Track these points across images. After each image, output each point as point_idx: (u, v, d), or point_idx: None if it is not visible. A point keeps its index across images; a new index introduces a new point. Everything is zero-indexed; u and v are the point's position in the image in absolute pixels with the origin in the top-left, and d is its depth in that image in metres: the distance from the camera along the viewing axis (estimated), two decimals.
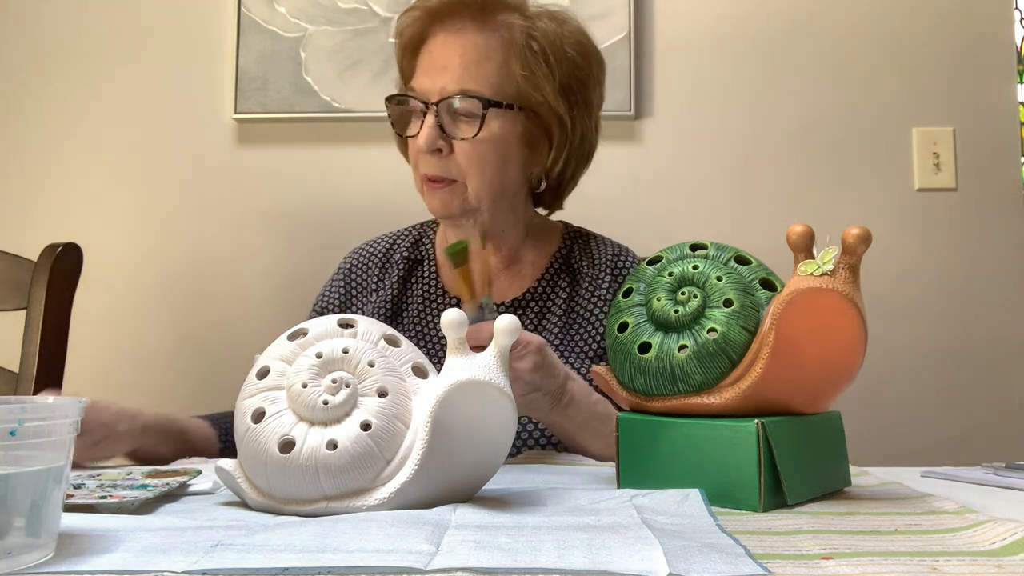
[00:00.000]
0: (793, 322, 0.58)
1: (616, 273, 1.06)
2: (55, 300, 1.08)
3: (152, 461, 0.84)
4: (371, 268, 1.10)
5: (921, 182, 1.67)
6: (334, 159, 1.70)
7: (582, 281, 1.05)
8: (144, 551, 0.42)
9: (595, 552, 0.41)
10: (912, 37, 1.69)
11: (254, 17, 1.70)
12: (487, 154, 0.98)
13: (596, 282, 1.05)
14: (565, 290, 1.05)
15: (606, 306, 1.03)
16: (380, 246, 1.13)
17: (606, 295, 1.04)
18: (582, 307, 1.03)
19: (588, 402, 0.85)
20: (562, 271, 1.07)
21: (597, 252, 1.08)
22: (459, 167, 0.97)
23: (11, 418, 0.39)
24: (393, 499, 0.52)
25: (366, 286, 1.09)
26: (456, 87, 0.95)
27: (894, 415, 1.62)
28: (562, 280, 1.06)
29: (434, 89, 0.96)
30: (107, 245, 1.70)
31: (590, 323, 1.02)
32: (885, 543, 0.45)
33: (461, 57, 0.96)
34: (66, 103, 1.74)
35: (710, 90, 1.70)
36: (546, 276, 1.06)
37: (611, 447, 0.86)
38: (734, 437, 0.57)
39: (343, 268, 1.12)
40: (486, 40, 0.97)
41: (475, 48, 0.97)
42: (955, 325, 1.64)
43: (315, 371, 0.55)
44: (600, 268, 1.06)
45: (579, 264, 1.07)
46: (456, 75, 0.95)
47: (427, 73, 0.98)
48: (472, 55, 0.97)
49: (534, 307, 1.04)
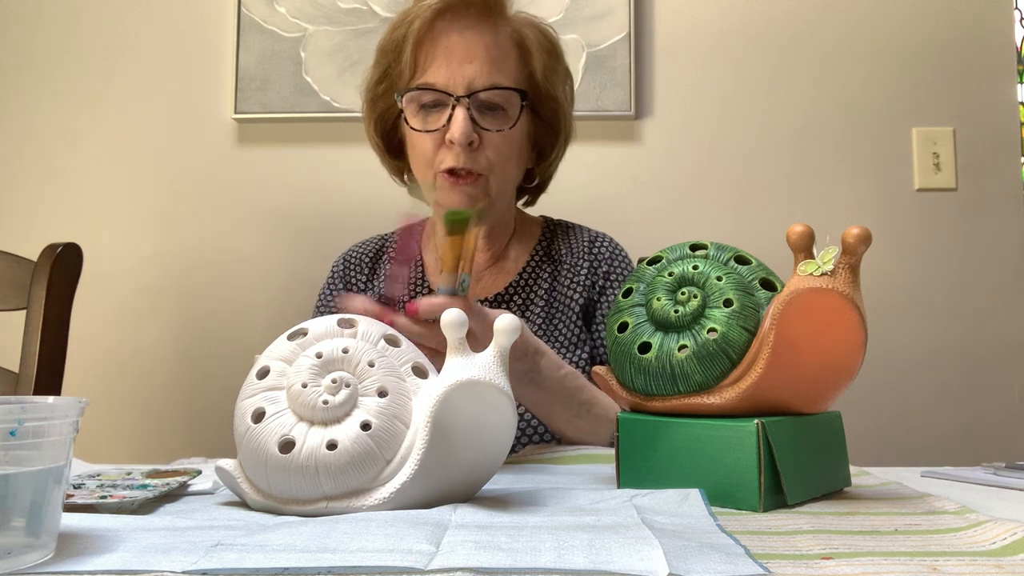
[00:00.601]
0: (793, 322, 0.58)
1: (593, 258, 1.08)
2: (55, 300, 1.08)
3: None
4: (362, 268, 1.11)
5: (921, 182, 1.67)
6: (334, 159, 1.70)
7: (561, 269, 1.07)
8: (144, 551, 0.42)
9: (595, 552, 0.41)
10: (912, 37, 1.69)
11: (254, 17, 1.70)
12: (513, 147, 0.99)
13: (575, 269, 1.06)
14: (547, 281, 1.06)
15: (584, 291, 1.05)
16: (370, 247, 1.14)
17: (584, 280, 1.05)
18: (562, 294, 1.05)
19: (556, 376, 0.85)
20: (543, 262, 1.08)
21: (575, 240, 1.10)
22: (488, 161, 0.97)
23: (11, 418, 0.39)
24: (393, 499, 0.52)
25: (358, 286, 1.10)
26: (487, 80, 0.95)
27: (894, 415, 1.62)
28: (544, 272, 1.07)
29: (460, 82, 0.95)
30: (107, 245, 1.70)
31: (570, 308, 1.04)
32: (885, 543, 0.45)
33: (486, 50, 0.96)
34: (66, 103, 1.75)
35: (710, 90, 1.70)
36: (528, 268, 1.07)
37: (580, 419, 0.89)
38: (734, 437, 0.57)
39: (337, 270, 1.13)
40: (501, 37, 0.99)
41: (496, 44, 0.98)
42: (955, 325, 1.65)
43: (315, 371, 0.55)
44: (578, 255, 1.08)
45: (559, 254, 1.09)
46: (485, 68, 0.96)
47: (447, 65, 0.96)
48: (495, 50, 0.97)
49: (517, 300, 1.05)
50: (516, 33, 1.01)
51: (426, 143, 0.98)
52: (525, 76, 1.01)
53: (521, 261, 1.09)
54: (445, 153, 0.96)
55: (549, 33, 1.05)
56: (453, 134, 0.94)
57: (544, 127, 1.06)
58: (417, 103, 0.99)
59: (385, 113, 1.06)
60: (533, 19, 1.04)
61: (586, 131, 1.68)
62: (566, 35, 1.67)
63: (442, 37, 0.98)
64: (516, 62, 1.00)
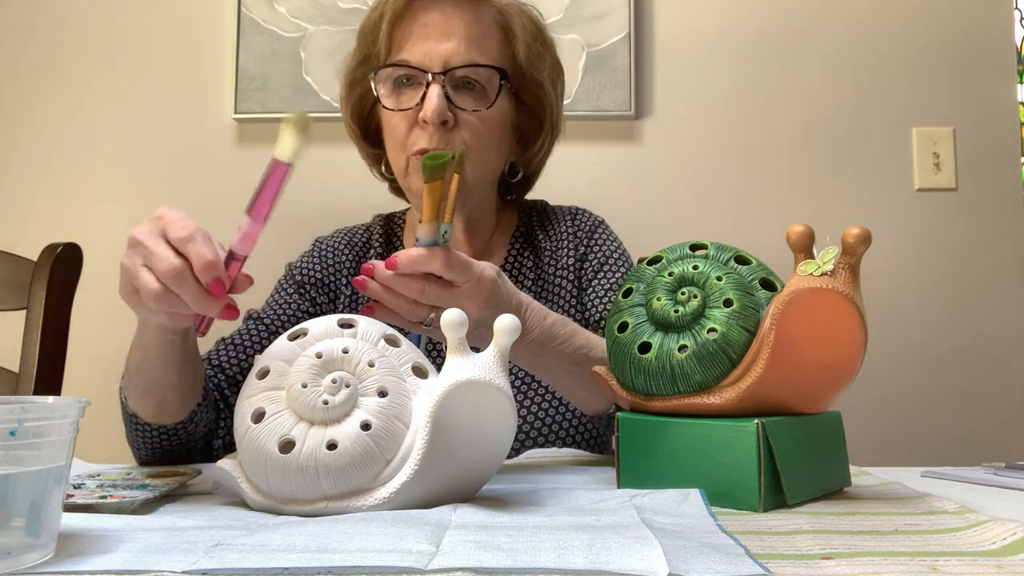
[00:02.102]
0: (793, 322, 0.58)
1: (575, 235, 1.04)
2: (55, 300, 1.08)
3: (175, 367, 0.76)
4: (348, 255, 1.05)
5: (921, 182, 1.67)
6: (334, 159, 1.70)
7: (544, 256, 1.04)
8: (144, 551, 0.42)
9: (595, 552, 0.41)
10: (912, 37, 1.69)
11: (254, 17, 1.70)
12: (492, 131, 0.94)
13: (557, 253, 1.03)
14: (531, 269, 1.03)
15: (573, 276, 1.02)
16: (356, 237, 1.08)
17: (570, 263, 1.02)
18: (549, 282, 1.02)
19: (543, 327, 0.77)
20: (525, 249, 1.05)
21: (554, 223, 1.06)
22: (463, 142, 0.91)
23: (11, 418, 0.39)
24: (393, 499, 0.52)
25: (342, 272, 1.04)
26: (464, 57, 0.91)
27: (894, 415, 1.62)
28: (526, 259, 1.04)
29: (436, 59, 0.91)
30: (107, 245, 1.70)
31: (560, 296, 1.01)
32: (885, 543, 0.45)
33: (466, 28, 0.92)
34: (66, 103, 1.75)
35: (710, 90, 1.70)
36: (510, 257, 1.04)
37: (580, 366, 0.77)
38: (734, 437, 0.57)
39: (319, 249, 1.07)
40: (483, 16, 0.95)
41: (477, 22, 0.93)
42: (955, 325, 1.65)
43: (315, 371, 0.55)
44: (561, 238, 1.04)
45: (539, 240, 1.05)
46: (463, 45, 0.91)
47: (423, 42, 0.92)
48: (475, 28, 0.93)
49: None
50: (500, 15, 0.96)
51: (399, 123, 0.93)
52: (507, 57, 0.96)
53: (503, 250, 1.05)
54: (418, 134, 0.91)
55: (536, 19, 1.00)
56: (426, 112, 0.89)
57: (528, 115, 1.01)
58: (391, 81, 0.94)
59: (363, 98, 1.02)
60: (522, 5, 0.99)
61: (586, 131, 1.69)
62: (566, 35, 1.67)
63: (420, 15, 0.93)
64: (498, 43, 0.95)
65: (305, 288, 1.03)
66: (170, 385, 0.77)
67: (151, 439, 0.82)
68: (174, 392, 0.78)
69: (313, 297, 1.02)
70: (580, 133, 1.67)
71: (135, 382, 0.78)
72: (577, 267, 1.02)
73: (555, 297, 1.01)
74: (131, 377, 0.79)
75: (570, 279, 1.02)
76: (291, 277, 1.05)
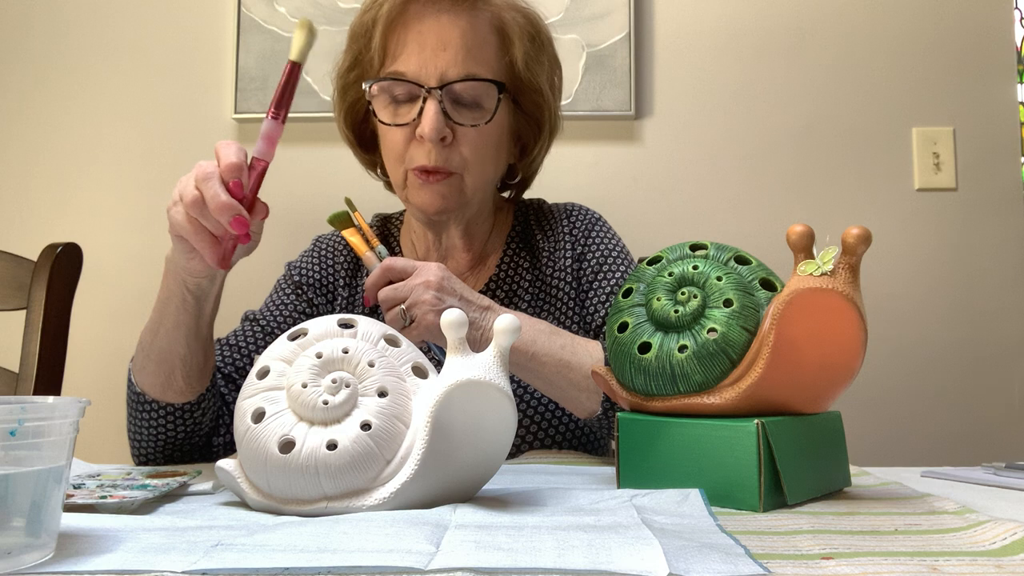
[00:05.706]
0: (793, 322, 0.58)
1: (571, 234, 1.02)
2: (55, 300, 1.08)
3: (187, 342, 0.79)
4: (346, 256, 1.05)
5: (921, 182, 1.67)
6: (334, 159, 1.70)
7: (541, 257, 1.02)
8: (144, 551, 0.42)
9: (595, 552, 0.41)
10: (912, 37, 1.69)
11: (254, 17, 1.70)
12: (490, 143, 0.92)
13: (555, 255, 1.01)
14: (528, 270, 1.02)
15: (571, 278, 1.00)
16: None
17: (568, 264, 1.00)
18: (548, 283, 1.00)
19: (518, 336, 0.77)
20: (521, 250, 1.03)
21: (552, 223, 1.04)
22: (462, 158, 0.90)
23: (11, 418, 0.39)
24: (393, 499, 0.52)
25: (339, 273, 1.04)
26: (460, 70, 0.89)
27: (894, 415, 1.62)
28: (523, 260, 1.02)
29: (432, 72, 0.88)
30: (107, 245, 1.70)
31: (558, 299, 0.99)
32: (885, 543, 0.45)
33: (461, 37, 0.89)
34: (66, 103, 1.75)
35: (710, 90, 1.70)
36: (505, 258, 1.02)
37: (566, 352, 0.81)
38: (734, 437, 0.57)
39: (319, 249, 1.07)
40: (479, 22, 0.91)
41: (473, 29, 0.90)
42: (955, 325, 1.65)
43: (315, 371, 0.55)
44: (558, 238, 1.02)
45: (537, 240, 1.03)
46: (459, 57, 0.89)
47: (418, 53, 0.89)
48: (471, 37, 0.90)
49: (500, 294, 1.00)
50: (496, 18, 0.93)
51: (396, 137, 0.91)
52: (505, 65, 0.93)
53: (498, 251, 1.03)
54: (416, 149, 0.90)
55: (533, 18, 0.97)
56: (423, 130, 0.87)
57: (526, 120, 0.99)
58: (387, 94, 0.92)
59: (356, 103, 0.99)
60: (517, 2, 0.96)
61: (586, 131, 1.69)
62: (566, 35, 1.67)
63: (414, 21, 0.90)
64: (495, 50, 0.92)
65: (302, 289, 1.03)
66: (178, 356, 0.79)
67: (155, 423, 0.82)
68: (182, 365, 0.80)
69: (310, 298, 1.02)
70: (580, 133, 1.67)
71: (146, 352, 0.80)
72: (575, 268, 1.01)
73: (554, 300, 1.00)
74: (142, 347, 0.81)
75: (568, 281, 1.00)
76: (289, 277, 1.04)
